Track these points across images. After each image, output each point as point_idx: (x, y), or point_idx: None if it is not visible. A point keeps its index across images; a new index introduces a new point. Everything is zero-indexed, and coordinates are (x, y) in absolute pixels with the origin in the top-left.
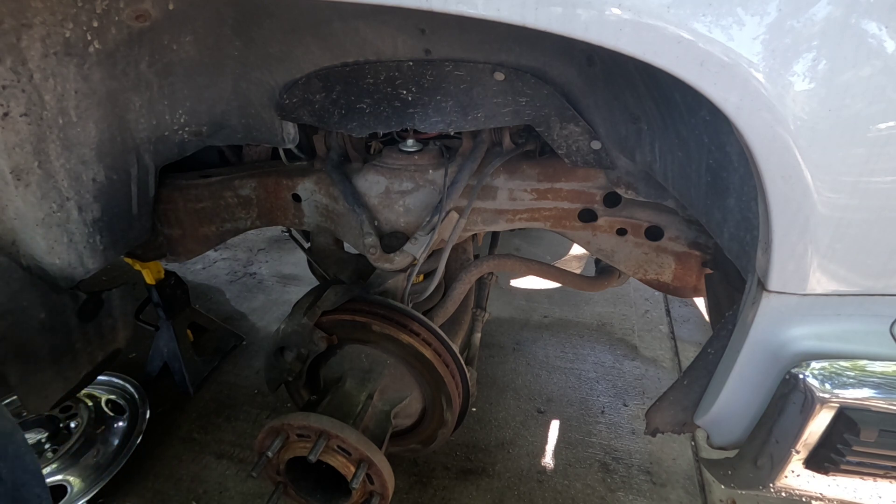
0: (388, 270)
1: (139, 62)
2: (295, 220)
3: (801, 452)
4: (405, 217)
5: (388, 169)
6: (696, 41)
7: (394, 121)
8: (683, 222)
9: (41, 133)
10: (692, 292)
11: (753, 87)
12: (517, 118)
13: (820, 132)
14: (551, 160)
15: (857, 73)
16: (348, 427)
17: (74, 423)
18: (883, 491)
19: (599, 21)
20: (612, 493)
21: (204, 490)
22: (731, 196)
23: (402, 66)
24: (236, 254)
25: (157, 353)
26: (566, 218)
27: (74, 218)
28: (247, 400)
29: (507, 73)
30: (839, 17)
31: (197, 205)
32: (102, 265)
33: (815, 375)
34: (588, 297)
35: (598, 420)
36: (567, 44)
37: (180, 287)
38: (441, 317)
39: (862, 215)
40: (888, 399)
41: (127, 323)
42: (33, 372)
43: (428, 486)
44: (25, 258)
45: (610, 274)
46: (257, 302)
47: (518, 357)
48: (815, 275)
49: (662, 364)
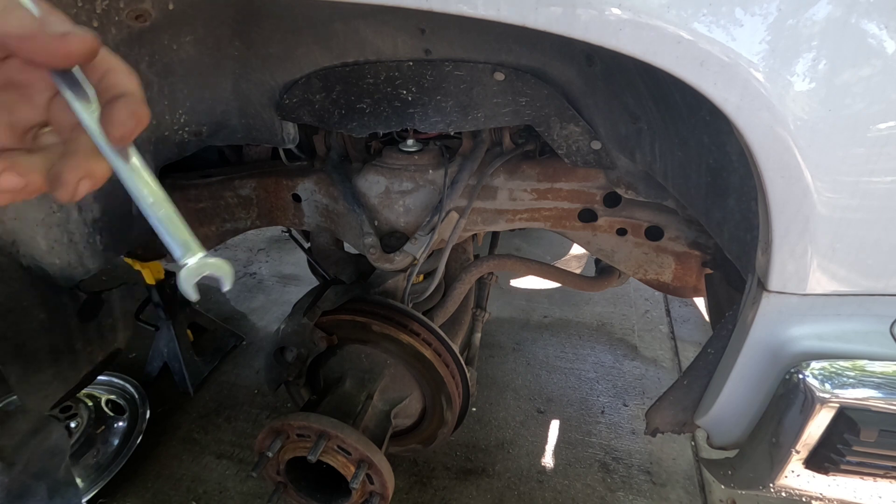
0: (388, 270)
1: (139, 62)
2: (295, 220)
3: (801, 452)
4: (405, 217)
5: (388, 169)
6: (696, 41)
7: (394, 121)
8: (683, 222)
9: None
10: (692, 292)
11: (753, 87)
12: (517, 118)
13: (820, 132)
14: (551, 160)
15: (857, 73)
16: (348, 427)
17: (74, 423)
18: (883, 491)
19: (599, 21)
20: (612, 493)
21: (204, 490)
22: (731, 196)
23: (402, 66)
24: (236, 254)
25: (157, 353)
26: (566, 218)
27: (74, 218)
28: (247, 400)
29: (507, 73)
30: (839, 17)
31: (197, 205)
32: (102, 265)
33: (816, 375)
34: (588, 297)
35: (598, 420)
36: (567, 44)
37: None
38: (441, 317)
39: (862, 215)
40: (888, 399)
41: (127, 323)
42: (33, 372)
43: (428, 486)
44: (25, 258)
45: (610, 274)
46: (257, 302)
47: (518, 357)
48: (815, 275)
49: (662, 364)
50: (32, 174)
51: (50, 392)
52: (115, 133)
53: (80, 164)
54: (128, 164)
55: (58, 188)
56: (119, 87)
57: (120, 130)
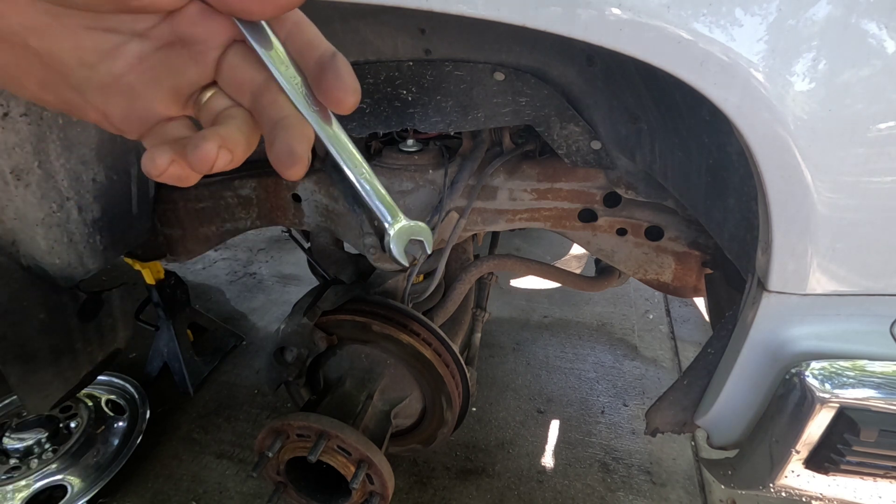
0: (388, 270)
1: None
2: (295, 220)
3: (801, 452)
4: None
5: (388, 169)
6: (696, 41)
7: (394, 121)
8: (683, 222)
9: (41, 133)
10: (692, 292)
11: (753, 87)
12: (517, 118)
13: (820, 132)
14: (551, 160)
15: (857, 73)
16: (348, 427)
17: (74, 423)
18: (883, 491)
19: (599, 21)
20: (612, 493)
21: (204, 490)
22: (731, 196)
23: (402, 66)
24: (236, 254)
25: (157, 353)
26: (566, 218)
27: (74, 218)
28: (247, 400)
29: (507, 73)
30: (839, 17)
31: (197, 205)
32: (102, 265)
33: (815, 375)
34: (588, 297)
35: (598, 420)
36: (567, 44)
37: (180, 287)
38: (441, 317)
39: (862, 215)
40: (888, 399)
41: (127, 323)
42: (33, 372)
43: (428, 486)
44: (25, 258)
45: (610, 274)
46: (257, 302)
47: (518, 357)
48: (815, 275)
49: (662, 364)
50: (238, 148)
51: (50, 392)
52: (335, 95)
53: (303, 133)
54: (331, 129)
55: (293, 162)
56: (319, 43)
57: (341, 93)
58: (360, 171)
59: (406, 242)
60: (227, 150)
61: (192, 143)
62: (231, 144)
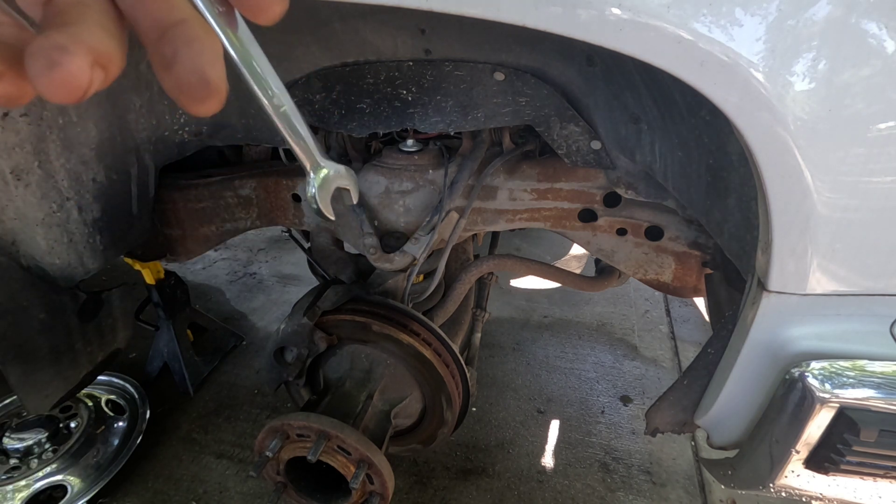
0: (388, 270)
1: (139, 63)
2: (295, 220)
3: (801, 452)
4: (405, 217)
5: (388, 169)
6: (696, 41)
7: (394, 121)
8: (683, 222)
9: (41, 133)
10: (692, 292)
11: (753, 87)
12: (517, 118)
13: (820, 132)
14: (551, 160)
15: (857, 73)
16: (348, 427)
17: (74, 423)
18: (883, 491)
19: (599, 21)
20: (612, 493)
21: (204, 490)
22: (731, 196)
23: (402, 66)
24: (236, 254)
25: (157, 353)
26: (566, 218)
27: (74, 218)
28: (247, 400)
29: (507, 73)
30: (839, 17)
31: (197, 205)
32: (102, 265)
33: (816, 375)
34: (588, 297)
35: (598, 420)
36: (567, 44)
37: (180, 287)
38: (441, 317)
39: (862, 215)
40: (888, 399)
41: (127, 323)
42: (33, 372)
43: (428, 486)
44: (25, 258)
45: (610, 274)
46: (257, 302)
47: (518, 357)
48: (815, 275)
49: (662, 364)
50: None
51: (50, 392)
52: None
53: (213, 49)
54: (240, 40)
55: (207, 93)
56: None
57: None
58: (278, 102)
59: (332, 192)
60: (101, 68)
61: (41, 53)
62: (104, 58)
